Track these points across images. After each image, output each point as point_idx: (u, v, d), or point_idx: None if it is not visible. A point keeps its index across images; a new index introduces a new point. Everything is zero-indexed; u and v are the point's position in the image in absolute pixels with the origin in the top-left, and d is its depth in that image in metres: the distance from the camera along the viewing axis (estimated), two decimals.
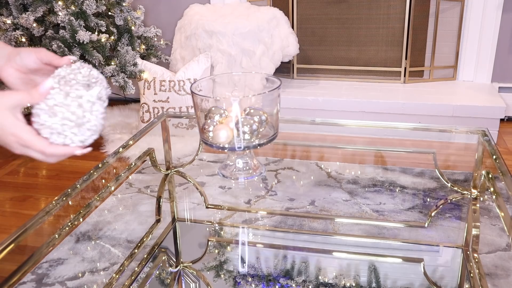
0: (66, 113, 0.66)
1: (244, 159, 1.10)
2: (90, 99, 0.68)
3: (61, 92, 0.67)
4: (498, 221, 1.46)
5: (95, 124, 0.69)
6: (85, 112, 0.67)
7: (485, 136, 1.23)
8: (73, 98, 0.67)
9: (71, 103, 0.66)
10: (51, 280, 1.27)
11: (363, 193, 1.64)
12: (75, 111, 0.67)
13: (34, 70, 0.73)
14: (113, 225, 1.51)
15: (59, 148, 0.67)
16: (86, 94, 0.68)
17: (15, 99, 0.63)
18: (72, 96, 0.67)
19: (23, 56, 0.71)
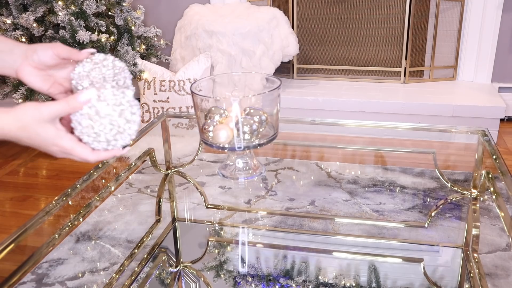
0: (106, 120, 0.65)
1: (244, 159, 1.10)
2: (128, 101, 0.67)
3: (99, 98, 0.65)
4: (498, 221, 1.46)
5: (135, 127, 0.68)
6: (126, 117, 0.66)
7: (485, 136, 1.23)
8: (113, 104, 0.65)
9: (111, 109, 0.65)
10: (51, 280, 1.27)
11: (363, 193, 1.64)
12: (116, 119, 0.65)
13: (52, 65, 0.72)
14: (113, 225, 1.51)
15: (101, 154, 0.67)
16: (124, 96, 0.67)
17: (54, 111, 0.63)
18: (110, 102, 0.65)
19: (40, 53, 0.70)
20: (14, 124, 0.61)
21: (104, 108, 0.65)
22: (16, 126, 0.61)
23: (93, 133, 0.65)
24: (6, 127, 0.61)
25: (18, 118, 0.61)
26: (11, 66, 0.70)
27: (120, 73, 0.72)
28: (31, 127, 0.61)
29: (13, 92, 2.19)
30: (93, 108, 0.65)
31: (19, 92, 2.17)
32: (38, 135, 0.62)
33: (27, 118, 0.61)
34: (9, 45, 0.71)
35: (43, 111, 0.62)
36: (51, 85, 0.72)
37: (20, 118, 0.61)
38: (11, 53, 0.70)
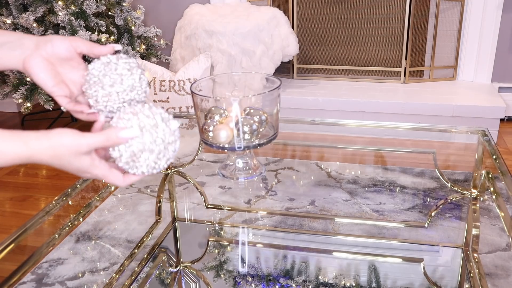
0: (148, 154, 0.61)
1: (244, 159, 1.10)
2: (172, 131, 0.62)
3: (136, 124, 0.60)
4: (498, 221, 1.46)
5: (174, 154, 0.64)
6: (168, 148, 0.62)
7: (485, 136, 1.23)
8: (155, 138, 0.61)
9: (154, 144, 0.61)
10: (51, 280, 1.27)
11: (363, 193, 1.64)
12: (154, 148, 0.61)
13: (65, 59, 0.67)
14: (113, 225, 1.51)
15: (131, 178, 0.65)
16: (166, 127, 0.62)
17: (92, 144, 0.59)
18: (153, 136, 0.61)
19: (56, 43, 0.65)
20: (47, 153, 0.57)
21: (147, 143, 0.61)
22: (49, 155, 0.57)
23: (134, 164, 0.62)
24: (38, 154, 0.57)
25: (53, 147, 0.57)
26: (19, 56, 0.64)
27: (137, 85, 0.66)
28: (66, 158, 0.58)
29: (13, 92, 2.19)
30: (136, 141, 0.60)
31: (19, 92, 2.17)
32: (71, 164, 0.59)
33: (62, 149, 0.58)
34: (18, 35, 0.65)
35: (81, 145, 0.58)
36: (57, 83, 0.66)
37: (54, 147, 0.57)
38: (20, 44, 0.64)
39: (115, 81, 0.64)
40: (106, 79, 0.64)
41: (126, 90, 0.65)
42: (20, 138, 0.55)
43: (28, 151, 0.55)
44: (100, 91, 0.65)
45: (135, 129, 0.60)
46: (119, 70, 0.65)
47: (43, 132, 0.57)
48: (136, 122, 0.60)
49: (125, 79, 0.65)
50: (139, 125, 0.60)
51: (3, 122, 2.84)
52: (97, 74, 0.65)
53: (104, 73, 0.65)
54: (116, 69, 0.65)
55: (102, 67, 0.65)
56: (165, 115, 0.62)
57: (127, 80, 0.65)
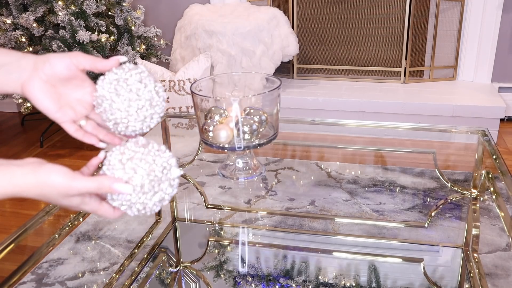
0: (137, 200, 0.58)
1: (244, 159, 1.10)
2: (166, 181, 0.58)
3: (135, 172, 0.57)
4: (498, 221, 1.46)
5: (172, 193, 0.60)
6: (158, 196, 0.59)
7: (485, 136, 1.23)
8: (147, 186, 0.57)
9: (150, 188, 0.57)
10: (51, 280, 1.27)
11: (363, 193, 1.64)
12: (148, 202, 0.58)
13: (67, 79, 0.60)
14: (113, 225, 1.51)
15: (123, 212, 0.62)
16: (162, 177, 0.58)
17: (82, 189, 0.56)
18: (145, 184, 0.57)
19: (54, 62, 0.59)
20: (34, 191, 0.54)
21: (142, 198, 0.58)
22: (36, 193, 0.54)
23: (125, 207, 0.59)
24: (23, 191, 0.53)
25: (40, 186, 0.54)
26: (16, 80, 0.59)
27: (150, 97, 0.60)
28: (54, 197, 0.55)
29: None
30: (129, 185, 0.57)
31: None
32: (60, 202, 0.57)
33: (51, 190, 0.54)
34: (15, 56, 0.60)
35: (71, 188, 0.55)
36: (61, 107, 0.60)
37: (42, 186, 0.54)
38: (18, 65, 0.59)
39: (131, 99, 0.59)
40: (120, 99, 0.59)
41: (145, 106, 0.60)
42: (5, 177, 0.52)
43: (13, 189, 0.53)
44: (118, 113, 0.60)
45: (129, 188, 0.57)
46: (132, 85, 0.59)
47: (31, 168, 0.54)
48: (132, 175, 0.57)
49: (141, 93, 0.59)
50: (136, 182, 0.57)
51: (3, 122, 2.84)
52: (109, 95, 0.59)
53: (116, 92, 0.59)
54: (128, 85, 0.59)
55: (112, 86, 0.59)
56: (167, 165, 0.58)
57: (144, 94, 0.59)
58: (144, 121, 0.61)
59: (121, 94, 0.59)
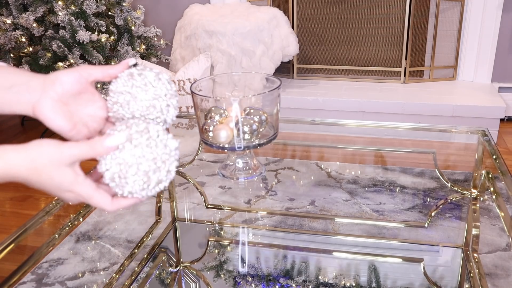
0: (137, 169, 0.55)
1: (244, 159, 1.10)
2: (169, 151, 0.56)
3: (125, 134, 0.55)
4: (498, 221, 1.46)
5: (170, 177, 0.58)
6: (162, 168, 0.56)
7: (485, 136, 1.23)
8: (148, 153, 0.55)
9: (145, 160, 0.55)
10: (51, 280, 1.27)
11: (363, 193, 1.64)
12: (143, 163, 0.55)
13: (77, 94, 0.59)
14: (113, 225, 1.51)
15: (121, 203, 0.58)
16: (164, 146, 0.56)
17: (76, 154, 0.53)
18: (145, 151, 0.55)
19: (63, 79, 0.57)
20: (25, 165, 0.52)
21: (136, 156, 0.55)
22: (27, 167, 0.52)
23: (120, 180, 0.56)
24: (14, 167, 0.51)
25: (31, 157, 0.52)
26: (27, 102, 0.57)
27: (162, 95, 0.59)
28: (46, 169, 0.52)
29: None
30: (123, 154, 0.55)
31: None
32: (52, 179, 0.53)
33: (42, 159, 0.52)
34: (25, 77, 0.58)
35: (63, 154, 0.53)
36: (74, 126, 0.59)
37: (33, 157, 0.52)
38: (28, 86, 0.57)
39: (148, 90, 0.59)
40: (137, 90, 0.59)
41: (161, 97, 0.59)
42: None
43: (3, 166, 0.51)
44: (135, 106, 0.59)
45: (121, 137, 0.54)
46: (147, 78, 0.59)
47: (22, 145, 0.52)
48: (126, 133, 0.55)
49: (156, 84, 0.59)
50: (130, 137, 0.55)
51: (3, 122, 2.84)
52: (125, 89, 0.59)
53: (133, 84, 0.59)
54: (142, 78, 0.59)
55: (127, 82, 0.59)
56: (163, 132, 0.57)
57: (159, 85, 0.59)
58: (161, 113, 0.60)
59: (137, 86, 0.59)
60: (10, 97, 0.57)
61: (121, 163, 0.54)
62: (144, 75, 0.59)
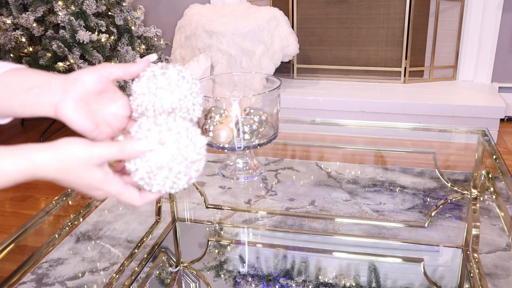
0: (167, 171, 0.54)
1: (244, 159, 1.10)
2: (198, 150, 0.57)
3: (156, 137, 0.54)
4: (498, 221, 1.46)
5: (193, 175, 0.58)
6: (190, 167, 0.56)
7: (485, 136, 1.23)
8: (171, 145, 0.54)
9: (169, 152, 0.54)
10: (51, 280, 1.27)
11: (363, 193, 1.64)
12: (173, 166, 0.54)
13: (99, 93, 0.58)
14: (113, 225, 1.51)
15: (148, 196, 0.58)
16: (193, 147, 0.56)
17: (105, 155, 0.53)
18: (170, 143, 0.54)
19: (85, 79, 0.56)
20: (53, 164, 0.51)
21: (167, 159, 0.54)
22: (55, 167, 0.51)
23: (150, 181, 0.55)
24: (42, 167, 0.51)
25: (60, 158, 0.51)
26: (48, 104, 0.55)
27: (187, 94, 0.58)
28: (75, 170, 0.52)
29: None
30: (154, 156, 0.54)
31: None
32: (82, 178, 0.53)
33: (71, 160, 0.51)
34: (46, 77, 0.56)
35: (92, 155, 0.52)
36: (97, 125, 0.58)
37: (61, 158, 0.51)
38: (48, 87, 0.55)
39: (173, 90, 0.57)
40: (161, 92, 0.57)
41: (186, 96, 0.58)
42: (22, 152, 0.50)
43: (31, 166, 0.50)
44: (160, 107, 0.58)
45: (152, 142, 0.53)
46: (171, 77, 0.57)
47: (49, 143, 0.51)
48: (156, 134, 0.54)
49: (180, 84, 0.58)
50: (160, 138, 0.54)
51: None
52: (149, 90, 0.57)
53: (156, 86, 0.57)
54: (166, 78, 0.57)
55: (150, 82, 0.58)
56: (192, 130, 0.56)
57: (184, 84, 0.58)
58: (187, 112, 0.59)
59: (161, 87, 0.57)
60: (31, 99, 0.55)
61: (151, 165, 0.54)
62: (167, 75, 0.57)
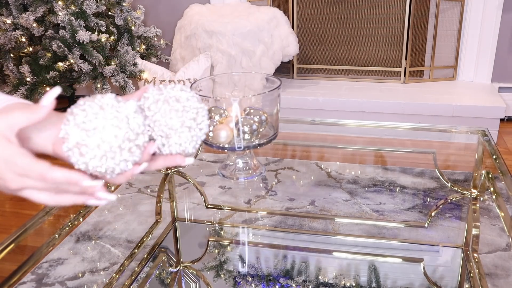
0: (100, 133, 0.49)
1: (244, 159, 1.10)
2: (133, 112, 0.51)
3: (97, 104, 0.49)
4: (498, 221, 1.46)
5: (136, 154, 0.51)
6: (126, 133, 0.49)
7: (485, 136, 1.23)
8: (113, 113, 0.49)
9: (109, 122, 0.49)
10: (51, 280, 1.27)
11: (363, 193, 1.64)
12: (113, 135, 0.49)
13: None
14: (113, 225, 1.51)
15: (63, 172, 0.50)
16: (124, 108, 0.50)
17: (10, 120, 0.48)
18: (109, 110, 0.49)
19: None
20: None
21: (101, 126, 0.49)
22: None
23: (79, 150, 0.49)
24: None
25: None
26: (47, 138, 0.53)
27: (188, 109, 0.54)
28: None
29: (13, 92, 2.18)
30: (83, 113, 0.49)
31: (19, 92, 2.17)
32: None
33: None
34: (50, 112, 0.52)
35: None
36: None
37: None
38: (48, 122, 0.53)
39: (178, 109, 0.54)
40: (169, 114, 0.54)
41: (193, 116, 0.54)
42: None
43: None
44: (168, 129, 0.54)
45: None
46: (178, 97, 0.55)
47: None
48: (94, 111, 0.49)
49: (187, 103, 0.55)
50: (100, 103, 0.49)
51: None
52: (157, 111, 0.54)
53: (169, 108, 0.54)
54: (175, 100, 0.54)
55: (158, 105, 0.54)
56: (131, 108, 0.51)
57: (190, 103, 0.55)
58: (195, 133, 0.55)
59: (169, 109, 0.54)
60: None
61: (83, 132, 0.49)
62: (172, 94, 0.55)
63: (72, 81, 2.34)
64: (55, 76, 2.17)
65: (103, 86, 2.24)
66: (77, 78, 2.29)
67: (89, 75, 2.24)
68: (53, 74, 2.16)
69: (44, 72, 2.18)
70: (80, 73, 2.26)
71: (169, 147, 0.54)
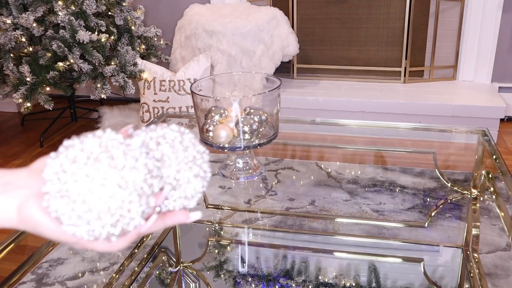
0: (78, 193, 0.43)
1: (244, 159, 1.10)
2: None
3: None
4: (498, 221, 1.46)
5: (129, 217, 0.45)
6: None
7: (485, 136, 1.23)
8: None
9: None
10: (51, 280, 1.27)
11: (363, 193, 1.64)
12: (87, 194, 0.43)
13: None
14: None
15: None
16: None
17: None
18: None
19: None
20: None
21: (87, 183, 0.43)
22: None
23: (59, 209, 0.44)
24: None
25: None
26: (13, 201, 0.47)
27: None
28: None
29: (13, 92, 2.19)
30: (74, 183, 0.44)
31: (19, 92, 2.17)
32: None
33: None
34: (16, 174, 0.49)
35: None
36: None
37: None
38: (16, 184, 0.48)
39: (177, 150, 0.51)
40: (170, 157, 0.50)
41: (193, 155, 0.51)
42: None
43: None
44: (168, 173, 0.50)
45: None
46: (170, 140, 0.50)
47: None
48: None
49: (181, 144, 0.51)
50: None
51: (3, 122, 2.84)
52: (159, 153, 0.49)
53: (172, 149, 0.50)
54: (168, 142, 0.50)
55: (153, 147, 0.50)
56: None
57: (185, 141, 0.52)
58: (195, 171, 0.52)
59: (169, 152, 0.50)
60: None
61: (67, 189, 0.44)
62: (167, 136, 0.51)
63: (72, 81, 2.34)
64: (55, 76, 2.17)
65: (103, 86, 2.24)
66: (77, 78, 2.29)
67: (89, 75, 2.24)
68: (53, 74, 2.16)
69: (44, 72, 2.18)
70: (80, 73, 2.26)
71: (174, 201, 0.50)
